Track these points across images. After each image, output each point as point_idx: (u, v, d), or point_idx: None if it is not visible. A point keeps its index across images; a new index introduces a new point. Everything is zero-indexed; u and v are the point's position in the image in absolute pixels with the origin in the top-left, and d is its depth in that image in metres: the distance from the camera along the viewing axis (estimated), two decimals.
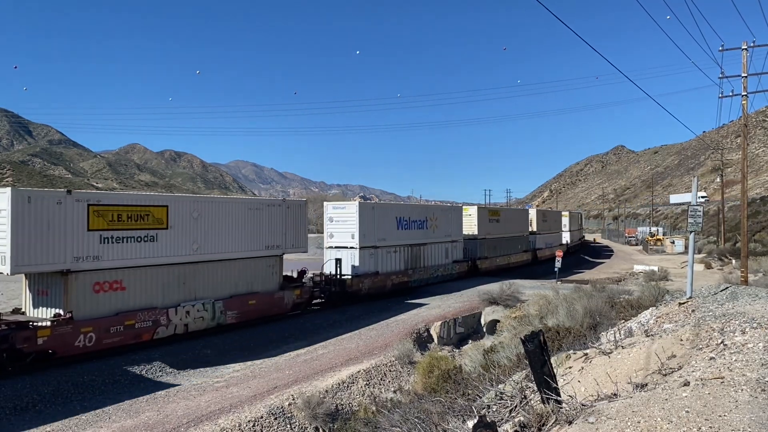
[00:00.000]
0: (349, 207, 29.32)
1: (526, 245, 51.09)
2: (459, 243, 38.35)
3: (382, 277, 29.95)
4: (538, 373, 6.07)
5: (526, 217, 52.92)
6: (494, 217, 44.71)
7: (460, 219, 38.76)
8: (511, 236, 47.30)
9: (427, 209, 36.18)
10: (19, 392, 13.95)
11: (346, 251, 28.59)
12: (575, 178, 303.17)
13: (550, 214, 65.38)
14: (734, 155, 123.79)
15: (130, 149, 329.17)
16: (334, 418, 14.47)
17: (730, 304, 12.01)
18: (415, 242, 33.15)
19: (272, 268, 23.29)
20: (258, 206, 22.77)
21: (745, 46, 26.64)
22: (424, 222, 33.99)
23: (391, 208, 31.96)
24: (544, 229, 57.98)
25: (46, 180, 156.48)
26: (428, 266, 34.33)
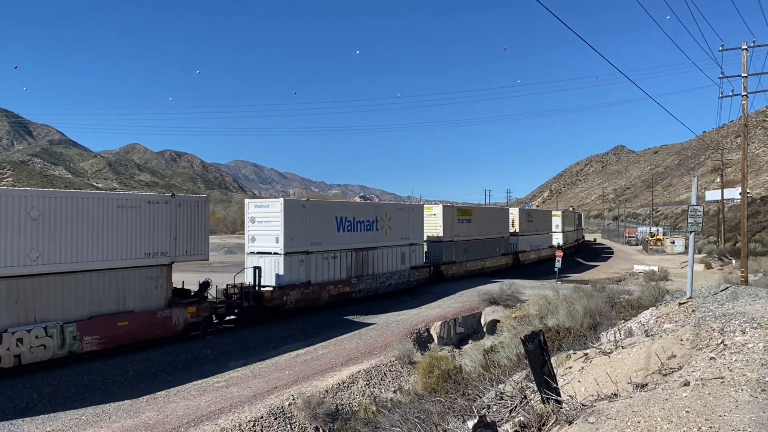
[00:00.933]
0: (272, 205, 24.87)
1: (505, 248, 46.79)
2: (419, 246, 33.83)
3: (316, 288, 25.43)
4: (538, 373, 6.07)
5: (505, 216, 48.47)
6: (464, 216, 40.31)
7: (421, 219, 34.34)
8: (486, 238, 43.08)
9: (378, 208, 31.57)
10: (20, 392, 13.95)
11: (269, 258, 24.21)
12: (575, 178, 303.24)
13: (537, 213, 61.14)
14: (734, 155, 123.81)
15: (130, 149, 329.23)
16: (334, 418, 14.47)
17: (730, 304, 12.02)
18: (361, 246, 28.62)
19: (155, 281, 18.65)
20: (133, 203, 18.18)
21: (745, 46, 26.64)
22: (374, 223, 29.66)
23: (329, 207, 27.68)
24: (529, 230, 53.64)
25: (46, 180, 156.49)
26: (378, 273, 29.84)
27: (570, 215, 76.85)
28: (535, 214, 58.65)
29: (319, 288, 25.70)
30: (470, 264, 40.17)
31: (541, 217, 59.94)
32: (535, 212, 60.14)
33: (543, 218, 60.18)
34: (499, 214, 48.17)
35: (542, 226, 58.37)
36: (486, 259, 42.73)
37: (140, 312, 18.18)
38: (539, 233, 56.93)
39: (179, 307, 19.42)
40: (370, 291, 29.20)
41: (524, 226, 52.12)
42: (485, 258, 42.53)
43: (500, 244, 45.88)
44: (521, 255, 50.27)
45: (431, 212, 37.38)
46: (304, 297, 24.77)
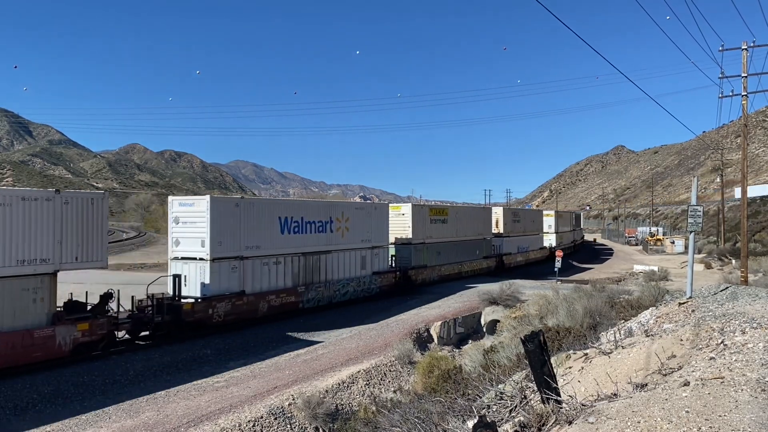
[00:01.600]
0: (198, 204, 21.51)
1: (487, 250, 43.49)
2: (383, 250, 30.65)
3: (252, 299, 22.24)
4: (538, 373, 6.07)
5: (487, 217, 44.83)
6: (438, 216, 36.98)
7: (385, 220, 31.11)
8: (465, 240, 39.64)
9: (332, 207, 27.97)
10: (20, 392, 13.95)
11: (194, 264, 21.00)
12: (575, 178, 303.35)
13: (526, 213, 57.23)
14: (734, 155, 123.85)
15: (130, 149, 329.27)
16: (334, 418, 14.47)
17: (730, 304, 12.02)
18: (311, 250, 25.47)
19: (32, 293, 15.68)
20: None
21: (745, 46, 26.66)
22: (327, 223, 26.50)
23: (270, 206, 24.44)
24: (516, 231, 50.16)
25: (46, 180, 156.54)
26: (333, 280, 26.61)
27: (566, 215, 73.58)
28: (523, 213, 54.88)
29: (255, 298, 22.46)
30: (445, 268, 36.73)
31: (530, 217, 56.25)
32: (523, 212, 56.21)
33: (532, 218, 56.38)
34: (479, 214, 44.48)
35: (531, 226, 54.91)
36: (464, 262, 39.30)
37: (9, 332, 14.91)
38: (528, 234, 53.40)
39: (66, 325, 16.25)
40: (322, 300, 26.03)
41: (510, 227, 48.76)
42: (463, 261, 39.11)
43: (481, 246, 42.53)
44: (506, 258, 46.93)
45: (399, 212, 34.18)
46: (236, 309, 21.52)
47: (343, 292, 27.46)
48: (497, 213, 47.81)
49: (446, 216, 38.03)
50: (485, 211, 46.35)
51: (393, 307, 27.42)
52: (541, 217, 60.59)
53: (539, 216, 60.02)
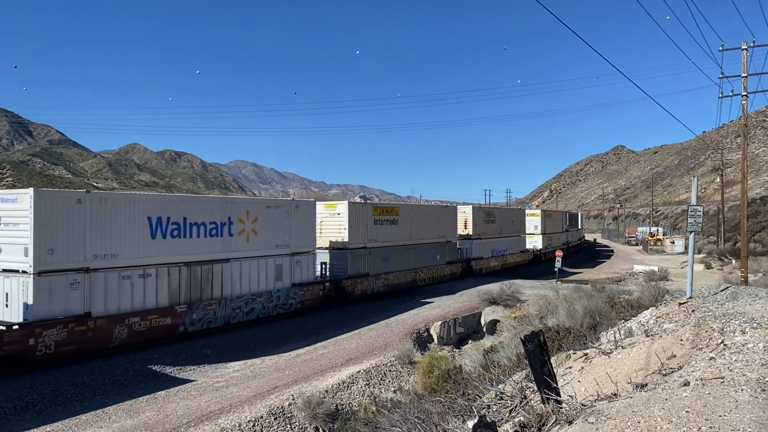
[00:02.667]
0: (21, 199, 16.36)
1: (452, 254, 38.63)
2: (309, 257, 25.59)
3: (102, 324, 17.19)
4: (538, 373, 6.08)
5: (451, 216, 39.56)
6: (386, 217, 32.07)
7: (312, 221, 25.85)
8: (422, 243, 34.76)
9: (232, 205, 22.22)
10: (19, 392, 13.95)
11: (15, 279, 16.18)
12: (575, 178, 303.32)
13: (504, 213, 50.91)
14: (734, 155, 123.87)
15: (130, 149, 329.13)
16: (334, 418, 14.48)
17: (730, 304, 12.02)
18: (199, 258, 20.37)
19: None
20: None
21: (745, 46, 26.67)
22: (225, 225, 21.34)
23: (133, 202, 19.03)
24: (490, 233, 45.14)
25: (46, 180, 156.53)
26: (231, 296, 21.56)
27: (556, 215, 67.60)
28: (499, 213, 49.19)
29: (108, 323, 17.31)
30: (393, 276, 31.71)
31: (509, 217, 50.46)
32: (499, 211, 50.19)
33: (511, 218, 50.74)
34: (441, 213, 38.50)
35: (510, 227, 49.40)
36: (421, 269, 34.28)
37: None
38: (505, 236, 48.03)
39: None
40: (215, 321, 20.90)
41: (481, 228, 43.79)
42: (419, 268, 34.12)
43: (443, 249, 37.36)
44: (476, 262, 41.90)
45: (334, 211, 29.34)
46: (76, 338, 16.42)
47: (248, 309, 22.22)
48: (465, 213, 42.92)
49: (396, 216, 32.82)
50: (449, 210, 40.29)
51: (392, 307, 27.43)
52: (523, 216, 55.01)
53: (520, 216, 54.11)
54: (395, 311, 26.32)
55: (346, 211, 29.12)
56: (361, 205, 31.51)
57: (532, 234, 56.17)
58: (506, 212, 52.13)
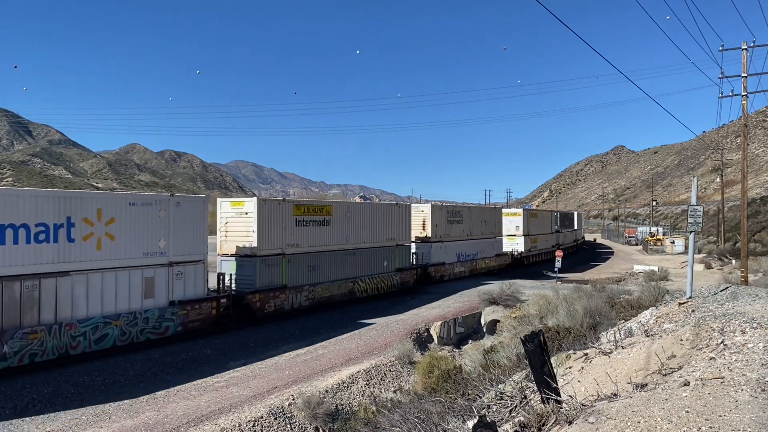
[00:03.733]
0: None
1: (404, 260, 33.24)
2: (198, 267, 20.77)
3: None
4: (538, 373, 6.08)
5: (404, 216, 33.79)
6: (313, 217, 26.38)
7: (201, 221, 21.02)
8: (362, 248, 29.46)
9: (74, 201, 17.43)
10: (19, 392, 13.96)
11: None
12: (575, 178, 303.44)
13: (474, 212, 44.94)
14: (734, 155, 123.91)
15: (130, 149, 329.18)
16: (334, 418, 14.48)
17: (730, 304, 12.03)
18: (17, 272, 15.72)
19: None
20: None
21: (745, 46, 26.67)
22: (60, 228, 16.76)
23: None
24: (455, 235, 40.09)
25: (46, 180, 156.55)
26: (70, 321, 16.76)
27: (543, 215, 62.10)
28: (467, 213, 43.33)
29: None
30: (322, 288, 26.60)
31: (481, 217, 45.23)
32: (468, 210, 44.28)
33: (484, 218, 45.55)
34: (390, 212, 32.60)
35: (482, 228, 44.43)
36: (360, 278, 29.26)
37: None
38: (476, 238, 42.99)
39: None
40: (42, 353, 16.04)
41: (444, 229, 38.77)
42: (358, 277, 29.11)
43: (393, 254, 32.07)
44: (434, 269, 37.06)
45: (241, 210, 24.19)
46: None
47: (98, 336, 17.52)
48: (424, 212, 37.65)
49: (328, 216, 27.48)
50: (400, 209, 33.87)
51: (392, 307, 27.43)
52: (499, 216, 49.37)
53: (495, 215, 48.62)
54: (395, 311, 26.32)
55: (254, 210, 23.72)
56: (277, 203, 25.58)
57: (512, 235, 50.87)
58: (477, 211, 46.43)
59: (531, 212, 57.43)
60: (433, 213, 37.83)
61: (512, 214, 52.95)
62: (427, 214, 37.63)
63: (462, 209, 43.66)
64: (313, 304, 26.21)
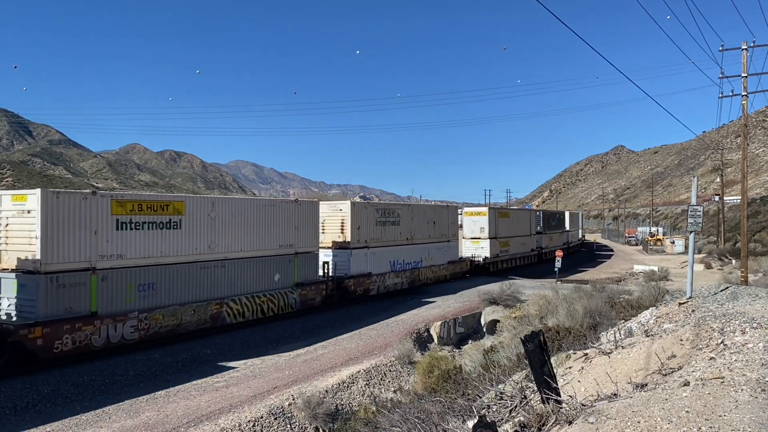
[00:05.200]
0: None
1: (307, 271, 25.70)
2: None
3: None
4: (538, 373, 6.08)
5: (308, 217, 25.83)
6: (144, 217, 18.89)
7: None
8: (238, 258, 22.30)
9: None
10: (19, 392, 13.95)
11: None
12: (575, 178, 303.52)
13: (416, 211, 35.74)
14: (734, 155, 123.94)
15: (130, 149, 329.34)
16: (334, 418, 14.48)
17: (730, 304, 12.03)
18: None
19: None
20: None
21: (745, 46, 26.67)
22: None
23: None
24: (388, 239, 31.54)
25: (46, 180, 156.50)
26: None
27: (519, 215, 53.80)
28: (407, 212, 34.19)
29: None
30: (163, 315, 19.08)
31: (427, 216, 36.14)
32: (408, 209, 34.91)
33: (432, 218, 36.54)
34: (285, 212, 24.85)
35: (430, 231, 35.93)
36: (233, 299, 21.69)
37: None
38: (420, 242, 34.56)
39: None
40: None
41: (371, 233, 30.44)
42: (228, 298, 21.55)
43: (288, 266, 24.65)
44: (355, 282, 28.58)
45: (22, 207, 16.62)
46: None
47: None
48: (342, 211, 29.40)
49: (177, 216, 19.98)
50: (302, 206, 25.76)
51: (392, 307, 27.42)
52: (455, 216, 40.89)
53: (449, 215, 39.46)
54: (395, 311, 26.31)
55: (38, 208, 16.17)
56: (81, 198, 17.28)
57: (476, 238, 43.89)
58: (422, 210, 37.12)
59: (501, 211, 49.72)
60: (355, 212, 29.52)
61: (476, 213, 45.85)
62: (347, 213, 29.30)
63: (399, 208, 34.04)
64: (149, 337, 18.74)
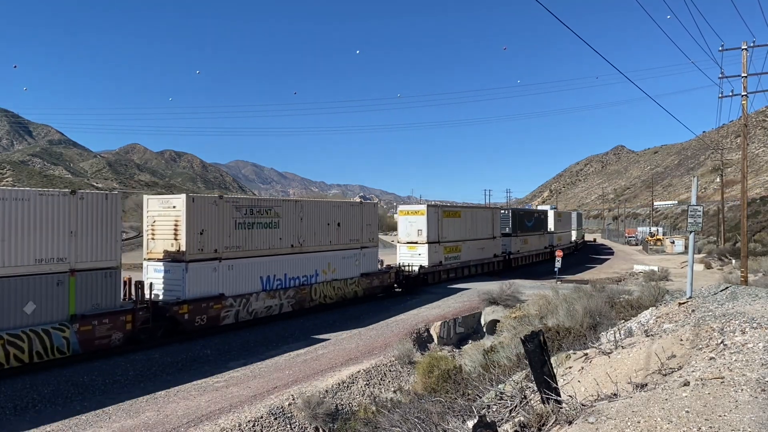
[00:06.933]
0: None
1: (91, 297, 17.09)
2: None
3: None
4: (538, 373, 6.08)
5: (103, 215, 17.51)
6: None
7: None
8: None
9: None
10: (19, 392, 13.95)
11: None
12: (575, 178, 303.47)
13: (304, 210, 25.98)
14: (734, 155, 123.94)
15: (130, 149, 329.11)
16: (334, 418, 14.47)
17: (730, 304, 12.03)
18: None
19: None
20: None
21: (745, 46, 26.66)
22: None
23: None
24: (257, 247, 23.24)
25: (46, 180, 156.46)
26: None
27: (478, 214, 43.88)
28: (289, 210, 25.21)
29: None
30: None
31: (333, 216, 27.77)
32: (293, 206, 25.69)
33: (337, 218, 27.99)
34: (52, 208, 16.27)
35: (330, 235, 27.30)
36: None
37: None
38: (312, 251, 26.02)
39: None
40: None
41: (226, 238, 21.82)
42: None
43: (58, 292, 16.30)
44: (193, 308, 20.23)
45: None
46: None
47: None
48: (176, 208, 20.65)
49: None
50: (84, 201, 17.08)
51: (392, 307, 27.41)
52: (372, 215, 31.17)
53: (364, 214, 30.07)
54: (395, 311, 26.31)
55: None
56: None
57: (413, 243, 35.46)
58: (318, 208, 27.17)
59: (448, 211, 39.39)
60: (194, 210, 20.54)
61: (412, 212, 36.21)
62: (181, 211, 20.28)
63: (278, 204, 25.03)
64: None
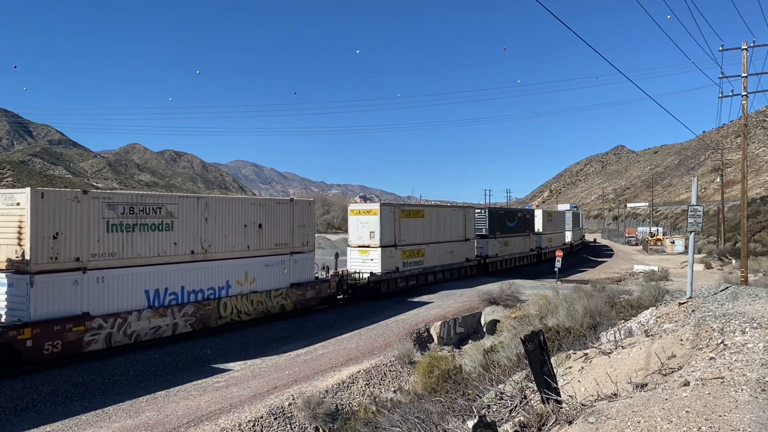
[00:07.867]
0: None
1: None
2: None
3: None
4: (538, 373, 6.07)
5: None
6: None
7: None
8: None
9: None
10: (19, 392, 13.94)
11: None
12: (575, 178, 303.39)
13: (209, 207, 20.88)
14: (734, 155, 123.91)
15: (130, 149, 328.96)
16: (334, 418, 14.47)
17: (730, 304, 12.03)
18: None
19: None
20: None
21: (745, 46, 26.66)
22: None
23: None
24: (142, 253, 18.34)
25: (46, 180, 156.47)
26: None
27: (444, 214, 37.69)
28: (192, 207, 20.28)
29: None
30: None
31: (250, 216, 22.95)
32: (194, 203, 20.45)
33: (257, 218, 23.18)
34: None
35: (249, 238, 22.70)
36: None
37: None
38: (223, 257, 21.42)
39: None
40: None
41: (94, 244, 17.04)
42: None
43: None
44: (41, 333, 15.39)
45: None
46: None
47: None
48: (20, 205, 15.89)
49: None
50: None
51: (392, 307, 27.40)
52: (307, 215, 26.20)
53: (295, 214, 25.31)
54: (395, 311, 26.31)
55: None
56: None
57: (365, 247, 31.09)
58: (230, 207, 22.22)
59: (408, 210, 34.32)
60: (45, 208, 15.96)
61: (364, 212, 31.65)
62: (26, 209, 15.71)
63: (173, 202, 19.80)
64: None
